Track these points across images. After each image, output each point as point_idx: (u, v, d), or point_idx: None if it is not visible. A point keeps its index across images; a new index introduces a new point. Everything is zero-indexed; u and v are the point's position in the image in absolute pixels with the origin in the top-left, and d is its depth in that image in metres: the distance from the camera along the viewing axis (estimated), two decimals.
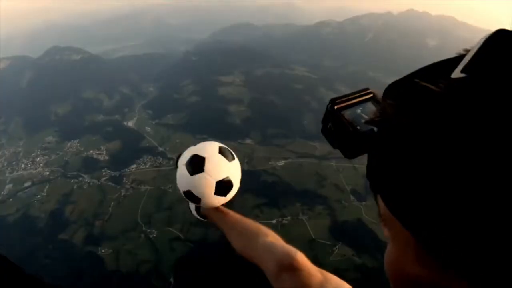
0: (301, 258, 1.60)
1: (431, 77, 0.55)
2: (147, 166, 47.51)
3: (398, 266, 0.64)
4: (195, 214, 2.37)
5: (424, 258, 0.56)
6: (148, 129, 56.72)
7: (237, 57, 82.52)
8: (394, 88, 0.62)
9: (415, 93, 0.55)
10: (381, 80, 74.37)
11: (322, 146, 49.26)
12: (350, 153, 0.76)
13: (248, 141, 52.55)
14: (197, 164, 2.21)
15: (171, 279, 31.84)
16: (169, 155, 49.11)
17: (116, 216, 39.63)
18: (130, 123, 59.21)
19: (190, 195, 2.21)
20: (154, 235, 37.05)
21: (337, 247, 34.88)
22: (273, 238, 1.87)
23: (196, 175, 2.16)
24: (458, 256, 0.49)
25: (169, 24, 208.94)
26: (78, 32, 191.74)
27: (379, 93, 0.77)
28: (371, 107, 0.82)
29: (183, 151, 2.36)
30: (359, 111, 0.78)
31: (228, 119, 58.14)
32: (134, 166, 47.49)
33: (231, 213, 2.21)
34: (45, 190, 44.45)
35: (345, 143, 0.76)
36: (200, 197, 2.17)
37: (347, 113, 0.77)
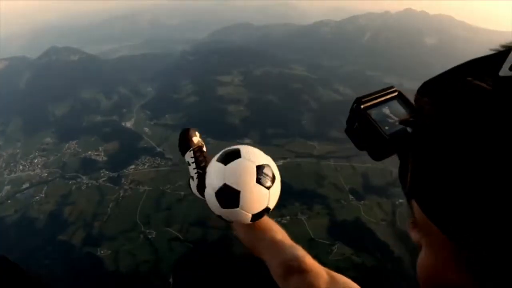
0: (309, 260, 1.66)
1: (474, 75, 0.53)
2: (146, 167, 47.49)
3: (433, 273, 0.62)
4: (196, 192, 2.10)
5: (458, 263, 0.55)
6: (146, 129, 56.68)
7: (235, 57, 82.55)
8: (434, 86, 0.60)
9: (464, 91, 0.53)
10: (379, 79, 74.48)
11: (321, 146, 49.35)
12: (379, 155, 0.72)
13: (247, 141, 52.54)
14: (230, 157, 1.94)
15: (171, 279, 31.82)
16: (167, 156, 49.10)
17: (115, 217, 39.61)
18: (128, 124, 59.18)
19: (227, 189, 1.80)
20: (153, 236, 37.01)
21: (336, 246, 34.91)
22: (282, 235, 1.85)
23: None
24: (493, 264, 0.48)
25: (167, 24, 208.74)
26: (76, 32, 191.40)
27: (405, 92, 0.77)
28: (397, 106, 0.78)
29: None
30: (385, 110, 0.75)
31: (227, 119, 58.14)
32: (133, 166, 47.45)
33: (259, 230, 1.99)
34: (43, 191, 44.37)
35: (374, 144, 0.72)
36: (239, 189, 1.78)
37: (373, 113, 0.74)
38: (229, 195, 1.77)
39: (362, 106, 0.75)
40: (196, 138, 2.34)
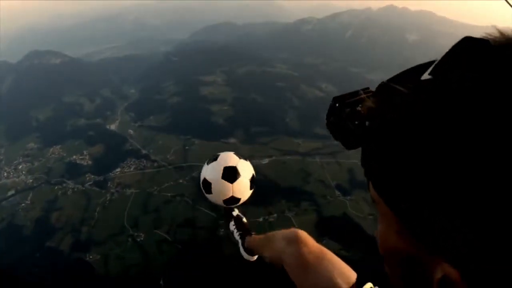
0: (303, 233, 1.97)
1: (411, 78, 0.66)
2: (132, 169, 47.32)
3: (384, 240, 0.73)
4: (245, 255, 2.74)
5: (403, 233, 0.64)
6: (131, 131, 56.38)
7: (218, 57, 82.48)
8: (378, 88, 0.72)
9: (388, 93, 0.66)
10: (362, 76, 75.27)
11: (306, 143, 49.72)
12: (349, 145, 0.84)
13: (232, 140, 52.71)
14: (232, 173, 2.73)
15: (161, 282, 31.91)
16: (153, 157, 48.97)
17: (103, 221, 39.45)
18: (113, 127, 58.83)
19: (231, 200, 2.71)
20: (142, 238, 36.99)
21: (324, 242, 35.15)
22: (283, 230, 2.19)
23: (236, 182, 2.70)
24: (428, 231, 0.56)
25: (150, 25, 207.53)
26: (57, 35, 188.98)
27: None
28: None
29: (206, 174, 2.87)
30: (359, 108, 0.86)
31: (211, 119, 58.17)
32: (118, 169, 47.23)
33: (261, 235, 2.51)
34: (29, 198, 43.90)
35: (345, 135, 0.84)
36: (240, 197, 2.72)
37: (348, 110, 0.86)
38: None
39: (337, 104, 0.89)
40: (235, 212, 3.12)
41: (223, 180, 2.64)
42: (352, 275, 1.61)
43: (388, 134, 0.62)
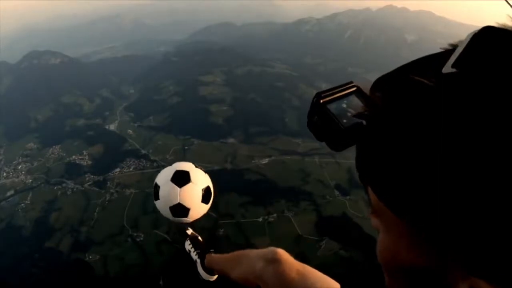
0: (282, 252, 1.79)
1: (420, 72, 0.59)
2: (131, 169, 47.32)
3: (391, 255, 0.66)
4: (203, 275, 2.56)
5: (418, 245, 0.58)
6: (130, 131, 56.40)
7: (217, 57, 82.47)
8: (384, 82, 0.66)
9: (407, 87, 0.58)
10: (361, 76, 75.29)
11: (305, 143, 49.72)
12: (336, 146, 0.76)
13: (231, 140, 52.74)
14: (183, 177, 2.42)
15: (161, 282, 31.89)
16: (152, 157, 49.01)
17: (102, 221, 39.44)
18: (112, 127, 58.84)
19: (179, 209, 2.45)
20: (141, 239, 37.01)
21: (323, 242, 35.32)
22: (254, 250, 2.03)
23: (185, 186, 2.38)
24: (452, 241, 0.51)
25: (148, 25, 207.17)
26: (56, 35, 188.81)
27: (364, 86, 0.81)
28: (355, 101, 0.82)
29: (157, 179, 2.61)
30: (344, 104, 0.79)
31: (210, 119, 58.17)
32: (118, 169, 47.23)
33: (231, 253, 2.31)
34: (28, 198, 43.88)
35: (331, 136, 0.76)
36: (188, 207, 2.41)
37: (333, 107, 0.78)
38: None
39: (321, 101, 0.80)
40: (189, 231, 2.86)
41: (171, 183, 2.39)
42: (336, 287, 1.59)
43: (400, 132, 0.56)
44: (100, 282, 33.15)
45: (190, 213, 2.48)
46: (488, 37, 0.54)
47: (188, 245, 2.75)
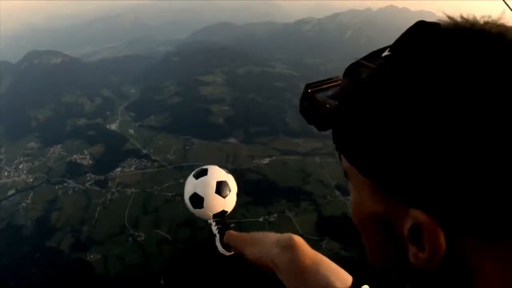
0: (298, 238, 1.87)
1: (377, 57, 0.74)
2: (132, 169, 47.40)
3: (359, 208, 0.77)
4: (220, 249, 2.62)
5: (376, 196, 0.69)
6: (131, 131, 56.48)
7: (218, 57, 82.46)
8: (348, 68, 0.79)
9: (357, 70, 0.74)
10: None
11: (305, 143, 49.75)
12: (321, 126, 0.87)
13: (231, 140, 52.81)
14: (201, 172, 2.59)
15: (161, 281, 31.94)
16: (153, 157, 49.10)
17: (103, 221, 39.50)
18: (113, 126, 58.95)
19: (194, 198, 2.56)
20: (142, 238, 37.08)
21: (324, 242, 35.38)
22: (272, 233, 2.15)
23: (200, 178, 2.57)
24: (401, 187, 0.62)
25: (149, 25, 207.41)
26: (56, 35, 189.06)
27: None
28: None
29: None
30: (329, 93, 0.91)
31: (211, 119, 58.25)
32: (119, 169, 47.31)
33: (247, 233, 2.49)
34: (29, 197, 43.98)
35: (317, 118, 0.89)
36: (202, 196, 2.54)
37: (319, 95, 0.91)
38: (197, 200, 2.54)
39: (309, 90, 0.95)
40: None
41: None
42: (349, 279, 1.62)
43: (355, 107, 0.69)
44: (100, 282, 33.20)
45: (205, 202, 2.59)
46: (417, 29, 0.66)
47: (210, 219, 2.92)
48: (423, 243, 0.61)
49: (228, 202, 2.60)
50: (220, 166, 2.82)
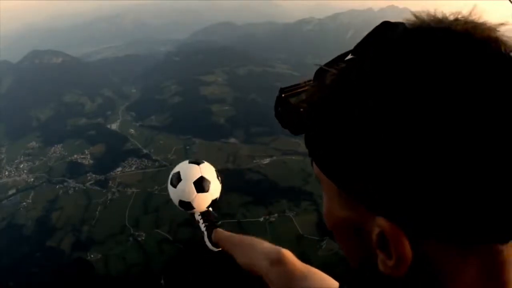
0: (287, 253, 1.89)
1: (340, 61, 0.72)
2: (133, 169, 47.43)
3: (330, 214, 0.76)
4: (209, 245, 2.86)
5: (345, 202, 0.68)
6: (131, 131, 56.53)
7: (218, 57, 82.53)
8: (315, 73, 0.78)
9: (322, 76, 0.72)
10: None
11: None
12: (295, 130, 0.86)
13: (232, 140, 52.83)
14: (176, 178, 2.73)
15: (162, 281, 31.97)
16: (154, 157, 49.12)
17: (104, 220, 39.53)
18: (114, 126, 58.98)
19: (183, 204, 2.74)
20: (143, 238, 37.09)
21: (324, 242, 35.32)
22: (261, 242, 2.17)
23: (178, 185, 2.70)
24: (367, 194, 0.61)
25: (150, 25, 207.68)
26: (57, 35, 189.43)
27: None
28: None
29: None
30: (303, 97, 0.88)
31: (212, 119, 58.27)
32: (120, 169, 47.33)
33: (236, 235, 2.58)
34: (30, 197, 44.01)
35: (290, 122, 0.87)
36: (188, 200, 2.70)
37: (293, 99, 0.90)
38: (186, 205, 2.73)
39: (283, 95, 0.93)
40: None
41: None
42: (335, 285, 1.66)
43: (320, 112, 0.67)
44: (101, 281, 33.21)
45: (194, 204, 2.76)
46: (379, 30, 0.66)
47: (198, 216, 2.97)
48: (390, 251, 0.60)
49: (214, 191, 2.75)
50: (212, 164, 2.89)
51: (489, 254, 0.57)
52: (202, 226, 2.93)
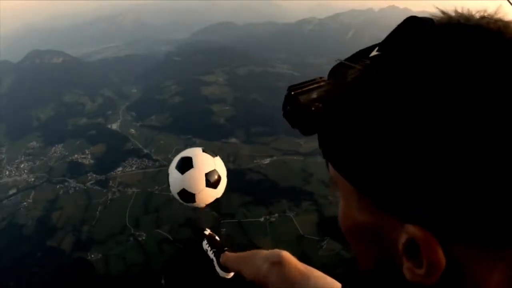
0: (286, 254, 1.92)
1: (363, 57, 0.69)
2: (133, 169, 47.38)
3: (347, 217, 0.73)
4: (221, 273, 2.68)
5: (364, 206, 0.66)
6: (132, 131, 56.48)
7: (219, 57, 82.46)
8: (332, 70, 0.77)
9: (342, 72, 0.68)
10: None
11: (307, 143, 49.62)
12: (306, 130, 0.83)
13: (232, 140, 52.76)
14: (186, 163, 2.47)
15: (162, 281, 31.94)
16: (154, 157, 49.06)
17: (104, 220, 39.51)
18: (114, 126, 58.93)
19: (185, 194, 2.49)
20: (143, 238, 37.01)
21: (325, 242, 35.28)
22: (263, 250, 2.16)
23: (187, 172, 2.44)
24: (393, 200, 0.57)
25: (150, 25, 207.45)
26: (57, 34, 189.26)
27: None
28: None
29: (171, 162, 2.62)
30: (314, 95, 0.86)
31: (212, 119, 58.21)
32: (120, 169, 47.28)
33: (241, 253, 2.45)
34: (30, 196, 43.97)
35: (301, 121, 0.83)
36: (193, 192, 2.47)
37: (303, 98, 0.85)
38: (188, 196, 2.46)
39: (292, 93, 0.89)
40: (207, 231, 2.95)
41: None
42: (337, 285, 1.66)
43: (339, 111, 0.64)
44: (101, 281, 33.20)
45: (197, 198, 2.51)
46: (408, 26, 0.63)
47: (205, 245, 2.88)
48: (421, 259, 0.56)
49: (220, 190, 2.56)
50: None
51: None
52: (211, 254, 2.84)
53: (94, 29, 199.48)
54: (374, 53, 0.66)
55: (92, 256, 35.45)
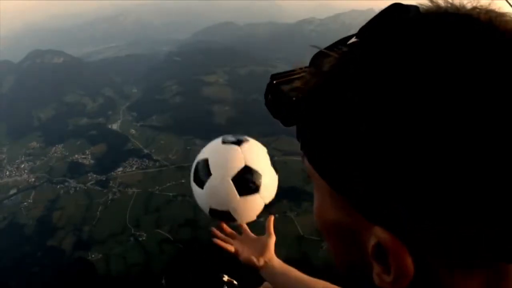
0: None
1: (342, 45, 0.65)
2: (134, 169, 47.38)
3: (321, 213, 0.70)
4: None
5: (338, 203, 0.62)
6: (132, 131, 56.45)
7: (220, 57, 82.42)
8: (312, 59, 0.73)
9: (320, 61, 0.65)
10: None
11: None
12: (286, 121, 0.77)
13: None
14: (202, 171, 1.71)
15: (163, 281, 31.96)
16: (154, 157, 49.04)
17: (105, 220, 39.55)
18: (115, 126, 58.89)
19: (217, 214, 1.78)
20: (144, 238, 37.05)
21: (325, 242, 35.28)
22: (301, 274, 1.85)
23: (206, 184, 1.69)
24: (362, 198, 0.54)
25: (151, 25, 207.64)
26: (58, 34, 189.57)
27: None
28: None
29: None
30: (296, 85, 0.79)
31: (213, 119, 58.21)
32: (120, 169, 47.28)
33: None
34: (31, 196, 44.07)
35: (281, 112, 0.78)
36: (225, 209, 1.72)
37: (286, 87, 0.81)
38: (222, 215, 1.76)
39: (275, 81, 0.83)
40: (226, 278, 2.38)
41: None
42: None
43: (315, 101, 0.61)
44: (102, 281, 33.24)
45: (234, 215, 1.79)
46: (390, 13, 0.59)
47: None
48: (388, 265, 0.53)
49: (268, 191, 1.84)
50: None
51: (493, 270, 0.52)
52: None
53: (95, 29, 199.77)
54: (352, 40, 0.62)
55: (93, 256, 35.50)
